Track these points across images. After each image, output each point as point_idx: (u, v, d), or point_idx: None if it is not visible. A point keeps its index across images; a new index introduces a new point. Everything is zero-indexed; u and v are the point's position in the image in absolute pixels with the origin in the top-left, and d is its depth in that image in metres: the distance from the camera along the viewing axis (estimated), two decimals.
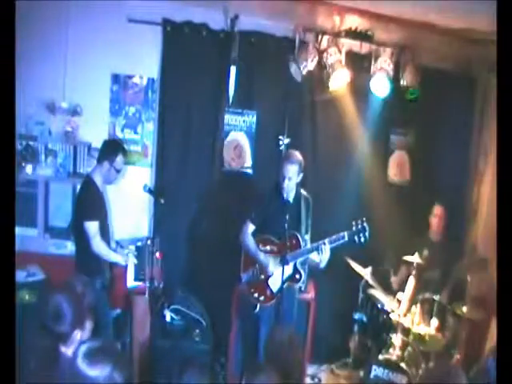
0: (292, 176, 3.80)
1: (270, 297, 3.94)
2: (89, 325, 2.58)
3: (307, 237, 3.95)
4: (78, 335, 2.46)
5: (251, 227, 3.98)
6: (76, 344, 2.43)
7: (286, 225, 3.70)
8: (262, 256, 3.94)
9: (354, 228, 3.80)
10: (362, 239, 3.79)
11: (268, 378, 2.41)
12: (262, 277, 3.96)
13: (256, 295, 3.98)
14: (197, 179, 4.67)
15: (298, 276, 3.92)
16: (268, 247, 3.97)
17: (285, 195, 3.82)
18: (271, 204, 3.91)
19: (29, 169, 3.28)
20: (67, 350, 2.43)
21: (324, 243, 3.78)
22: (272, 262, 3.90)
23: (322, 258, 3.79)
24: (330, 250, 3.78)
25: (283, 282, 3.83)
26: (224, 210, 4.62)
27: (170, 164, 4.61)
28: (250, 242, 3.98)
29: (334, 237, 3.79)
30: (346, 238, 3.80)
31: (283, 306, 3.83)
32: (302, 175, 3.87)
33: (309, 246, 3.89)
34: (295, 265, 3.91)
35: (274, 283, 3.92)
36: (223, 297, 4.37)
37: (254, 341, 4.01)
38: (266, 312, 3.98)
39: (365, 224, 3.80)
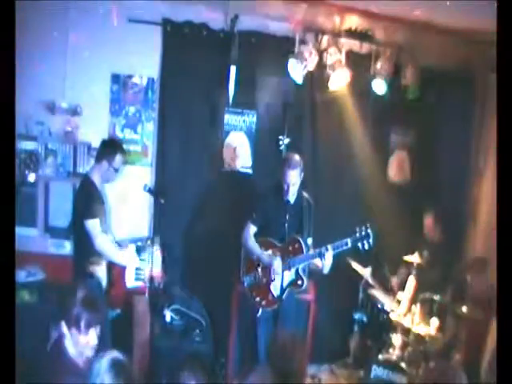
0: (295, 181, 3.78)
1: (272, 301, 3.90)
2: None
3: (309, 240, 3.93)
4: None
5: (253, 228, 3.96)
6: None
7: (288, 228, 3.65)
8: (266, 256, 3.89)
9: (357, 234, 3.73)
10: (366, 246, 3.73)
11: (263, 378, 2.41)
12: (265, 281, 3.93)
13: (258, 299, 3.95)
14: (197, 179, 4.67)
15: (300, 282, 3.89)
16: (270, 251, 3.93)
17: (286, 198, 3.77)
18: (273, 205, 3.87)
19: (31, 177, 3.29)
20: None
21: (327, 249, 3.72)
22: (277, 262, 3.83)
23: (324, 263, 3.75)
24: (332, 256, 3.73)
25: (285, 288, 3.80)
26: (224, 210, 4.62)
27: (169, 164, 4.61)
28: (253, 243, 3.95)
29: (337, 243, 3.74)
30: (350, 245, 3.74)
31: (283, 310, 3.79)
32: (302, 174, 3.84)
33: (311, 250, 3.86)
34: (297, 270, 3.87)
35: (277, 288, 3.88)
36: (223, 297, 4.38)
37: (254, 341, 4.01)
38: (265, 314, 3.96)
39: (369, 230, 3.73)
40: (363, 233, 3.73)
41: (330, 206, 4.77)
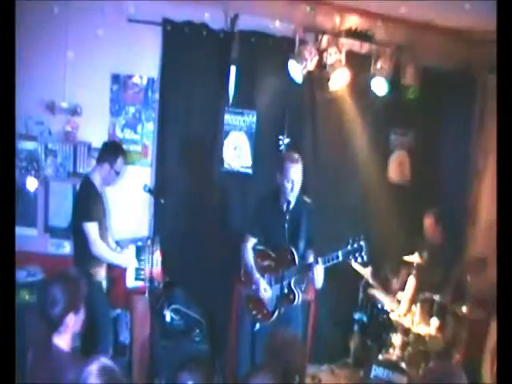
0: (298, 178, 3.57)
1: (267, 315, 3.75)
2: (82, 314, 2.53)
3: (309, 248, 3.77)
4: (71, 321, 2.43)
5: (252, 241, 3.83)
6: (69, 332, 2.42)
7: (285, 237, 3.49)
8: (256, 276, 3.74)
9: (349, 247, 3.48)
10: (359, 259, 3.51)
11: (266, 379, 2.41)
12: (260, 294, 3.78)
13: (254, 313, 3.83)
14: (197, 179, 4.67)
15: (291, 296, 3.66)
16: (266, 262, 3.78)
17: (286, 203, 3.57)
18: (271, 214, 3.71)
19: (32, 185, 3.26)
20: (60, 340, 2.41)
21: (317, 262, 3.53)
22: (262, 284, 3.71)
23: (316, 278, 3.54)
24: (324, 270, 3.53)
25: (277, 302, 3.62)
26: (224, 209, 4.62)
27: (170, 164, 4.60)
28: (249, 257, 3.81)
29: (327, 256, 3.53)
30: (341, 258, 3.50)
31: (282, 321, 3.60)
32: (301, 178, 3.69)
33: (311, 258, 3.68)
34: (289, 284, 3.63)
35: (270, 302, 3.74)
36: (223, 297, 4.37)
37: (254, 341, 3.99)
38: (262, 327, 3.81)
39: (362, 242, 3.46)
40: (355, 245, 3.47)
41: (329, 207, 4.76)
